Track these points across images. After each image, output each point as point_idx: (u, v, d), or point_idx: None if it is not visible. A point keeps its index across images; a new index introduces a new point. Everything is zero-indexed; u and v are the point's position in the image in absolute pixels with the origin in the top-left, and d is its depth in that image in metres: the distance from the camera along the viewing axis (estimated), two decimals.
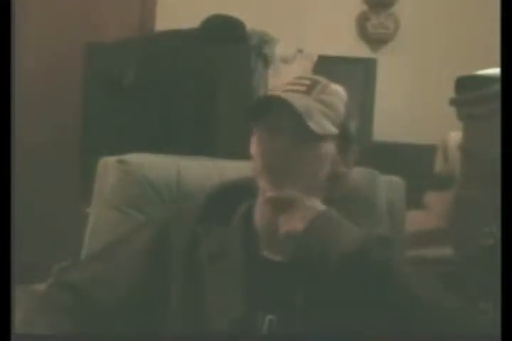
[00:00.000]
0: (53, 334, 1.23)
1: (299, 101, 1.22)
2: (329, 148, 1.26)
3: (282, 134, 1.22)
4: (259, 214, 1.32)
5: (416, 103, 3.49)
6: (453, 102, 2.23)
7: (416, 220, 2.10)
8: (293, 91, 1.25)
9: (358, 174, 1.40)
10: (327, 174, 1.27)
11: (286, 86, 1.28)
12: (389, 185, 1.61)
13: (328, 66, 3.20)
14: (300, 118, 1.20)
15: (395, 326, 1.16)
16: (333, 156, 1.27)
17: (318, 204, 1.23)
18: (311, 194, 1.23)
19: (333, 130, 1.25)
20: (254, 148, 1.28)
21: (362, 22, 3.55)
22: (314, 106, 1.23)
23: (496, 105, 1.53)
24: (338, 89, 1.30)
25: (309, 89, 1.26)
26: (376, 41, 3.56)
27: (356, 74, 3.40)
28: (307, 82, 1.28)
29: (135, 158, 1.58)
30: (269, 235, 1.29)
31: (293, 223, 1.21)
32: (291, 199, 1.22)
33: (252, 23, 2.78)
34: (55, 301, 1.30)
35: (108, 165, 1.59)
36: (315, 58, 3.22)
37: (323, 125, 1.23)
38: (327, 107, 1.25)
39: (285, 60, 3.01)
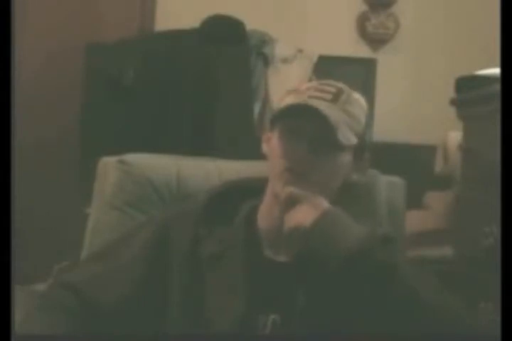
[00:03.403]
0: (53, 334, 1.23)
1: (331, 111, 1.23)
2: (348, 157, 1.28)
3: (308, 140, 1.24)
4: (265, 213, 1.32)
5: (416, 103, 3.49)
6: (453, 102, 2.23)
7: (416, 220, 2.10)
8: (318, 98, 1.26)
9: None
10: (340, 181, 1.29)
11: (309, 91, 1.28)
12: (389, 185, 1.61)
13: (328, 66, 3.21)
14: (330, 129, 1.21)
15: (395, 326, 1.16)
16: (349, 164, 1.29)
17: (324, 203, 1.23)
18: (321, 196, 1.24)
19: (354, 141, 1.26)
20: (271, 148, 1.29)
21: (362, 22, 3.55)
22: (341, 116, 1.25)
23: (496, 105, 1.53)
24: (360, 99, 1.32)
25: (335, 98, 1.27)
26: (376, 41, 3.56)
27: (356, 74, 3.40)
28: (332, 89, 1.28)
29: (135, 158, 1.58)
30: (273, 234, 1.29)
31: (299, 220, 1.21)
32: (299, 197, 1.22)
33: (252, 23, 2.78)
34: (55, 301, 1.30)
35: (108, 165, 1.59)
36: (315, 58, 3.22)
37: (348, 136, 1.24)
38: (351, 118, 1.27)
39: (285, 60, 3.02)
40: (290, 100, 1.27)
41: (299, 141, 1.24)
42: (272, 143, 1.29)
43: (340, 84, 1.31)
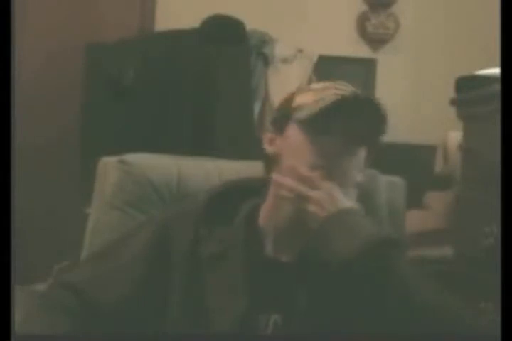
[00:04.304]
0: (53, 334, 1.23)
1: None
2: (364, 154, 1.28)
3: (342, 137, 1.23)
4: (268, 212, 1.31)
5: (416, 103, 3.49)
6: (453, 102, 2.23)
7: (416, 220, 2.10)
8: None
9: None
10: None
11: (331, 89, 1.27)
12: (389, 185, 1.61)
13: (328, 66, 3.22)
14: (382, 121, 1.24)
15: (395, 326, 1.16)
16: (363, 162, 1.29)
17: (333, 203, 1.21)
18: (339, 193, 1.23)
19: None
20: (282, 147, 1.28)
21: (362, 22, 3.55)
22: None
23: (496, 105, 1.53)
24: None
25: None
26: (376, 41, 3.56)
27: (356, 74, 3.40)
28: (350, 89, 1.29)
29: (135, 158, 1.58)
30: (275, 234, 1.29)
31: (305, 221, 1.20)
32: (307, 197, 1.21)
33: (252, 23, 2.79)
34: (55, 301, 1.30)
35: (108, 165, 1.59)
36: (315, 58, 3.23)
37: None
38: None
39: (285, 60, 3.02)
40: (310, 98, 1.26)
41: (333, 137, 1.23)
42: (287, 142, 1.28)
43: (352, 87, 1.31)
